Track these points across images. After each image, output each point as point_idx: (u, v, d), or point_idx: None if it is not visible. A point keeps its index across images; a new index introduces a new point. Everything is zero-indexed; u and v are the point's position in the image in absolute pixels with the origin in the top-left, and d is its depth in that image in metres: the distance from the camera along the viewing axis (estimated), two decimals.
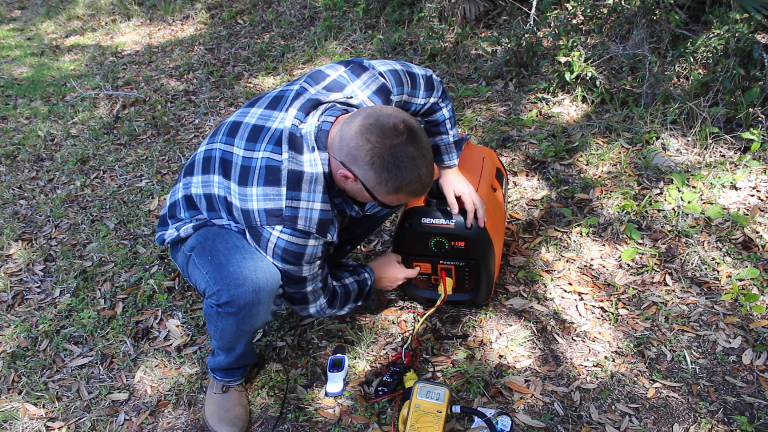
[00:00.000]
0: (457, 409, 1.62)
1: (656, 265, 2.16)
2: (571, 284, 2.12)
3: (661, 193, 2.45)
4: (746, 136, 2.57)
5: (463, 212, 1.78)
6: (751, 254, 2.15)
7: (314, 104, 1.46)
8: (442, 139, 1.78)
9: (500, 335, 1.96)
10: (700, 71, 3.07)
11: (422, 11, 4.17)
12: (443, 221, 1.80)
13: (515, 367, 1.85)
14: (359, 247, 2.40)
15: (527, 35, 3.44)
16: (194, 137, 3.45)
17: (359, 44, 4.24)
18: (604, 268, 2.18)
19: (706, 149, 2.64)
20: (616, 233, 2.31)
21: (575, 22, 3.54)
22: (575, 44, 3.21)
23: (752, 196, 2.40)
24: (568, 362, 1.85)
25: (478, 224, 1.78)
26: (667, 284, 2.09)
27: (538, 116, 3.12)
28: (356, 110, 1.43)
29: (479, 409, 1.69)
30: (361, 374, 1.87)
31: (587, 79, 3.13)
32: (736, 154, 2.60)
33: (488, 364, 1.86)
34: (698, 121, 2.72)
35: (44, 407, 1.89)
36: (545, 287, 2.12)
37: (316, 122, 1.43)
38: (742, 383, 1.74)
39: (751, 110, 2.66)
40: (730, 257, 2.15)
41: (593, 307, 2.03)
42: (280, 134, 1.43)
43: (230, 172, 1.48)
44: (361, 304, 1.81)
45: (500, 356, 1.88)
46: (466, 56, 3.83)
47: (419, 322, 2.00)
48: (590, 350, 1.88)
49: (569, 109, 3.15)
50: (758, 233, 2.21)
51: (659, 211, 2.37)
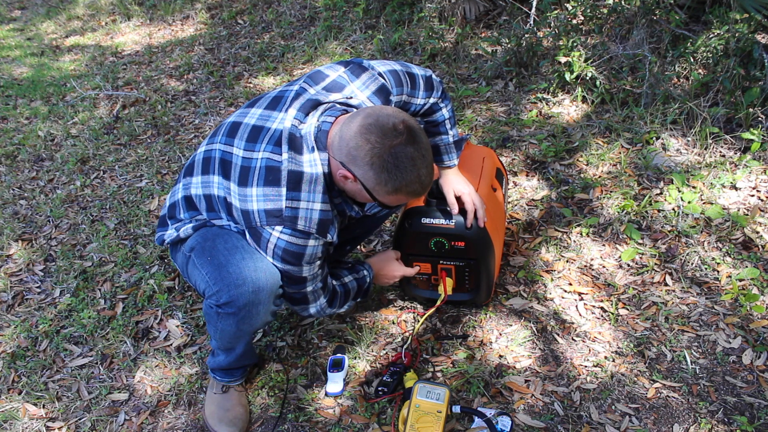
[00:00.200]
0: (457, 409, 1.62)
1: (656, 265, 2.16)
2: (571, 284, 2.12)
3: (661, 193, 2.45)
4: (746, 136, 2.57)
5: (463, 212, 1.78)
6: (751, 254, 2.15)
7: (314, 105, 1.46)
8: (441, 139, 1.78)
9: (500, 335, 1.96)
10: (700, 71, 3.07)
11: (422, 11, 4.17)
12: (443, 221, 1.80)
13: (515, 367, 1.85)
14: (359, 247, 2.40)
15: (527, 35, 3.44)
16: (194, 137, 3.45)
17: (359, 44, 4.24)
18: (604, 268, 2.18)
19: (706, 149, 2.64)
20: (616, 233, 2.31)
21: (575, 22, 3.54)
22: (575, 44, 3.21)
23: (752, 196, 2.40)
24: (568, 362, 1.85)
25: (478, 224, 1.78)
26: (667, 284, 2.09)
27: (538, 116, 3.12)
28: (356, 110, 1.43)
29: (479, 409, 1.69)
30: (361, 374, 1.87)
31: (587, 79, 3.13)
32: (736, 154, 2.61)
33: (488, 364, 1.86)
34: (698, 121, 2.72)
35: (44, 407, 1.89)
36: (545, 287, 2.12)
37: (315, 123, 1.43)
38: (742, 383, 1.74)
39: (751, 110, 2.66)
40: (730, 257, 2.15)
41: (593, 307, 2.03)
42: (279, 135, 1.43)
43: (230, 172, 1.48)
44: (360, 300, 1.81)
45: (500, 356, 1.88)
46: (466, 56, 3.83)
47: (419, 322, 2.00)
48: (590, 350, 1.88)
49: (569, 109, 3.15)
50: (758, 233, 2.21)
51: (659, 211, 2.37)
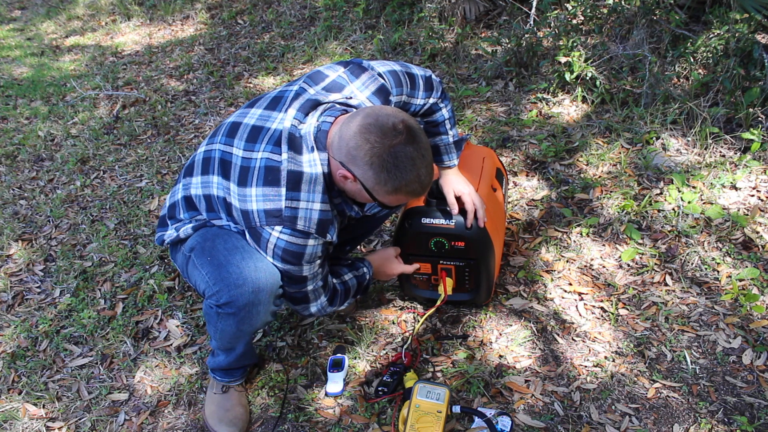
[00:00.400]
0: (457, 409, 1.62)
1: (656, 265, 2.16)
2: (571, 284, 2.12)
3: (661, 193, 2.45)
4: (746, 136, 2.57)
5: (463, 212, 1.78)
6: (751, 254, 2.15)
7: (313, 105, 1.46)
8: (441, 139, 1.78)
9: (500, 335, 1.96)
10: (700, 71, 3.07)
11: (422, 11, 4.17)
12: (443, 221, 1.79)
13: (515, 367, 1.85)
14: (359, 247, 2.40)
15: (527, 35, 3.44)
16: (194, 137, 3.45)
17: (359, 44, 4.24)
18: (604, 268, 2.18)
19: (706, 149, 2.64)
20: (616, 233, 2.31)
21: (575, 22, 3.54)
22: (575, 44, 3.21)
23: (752, 196, 2.40)
24: (568, 362, 1.85)
25: (478, 224, 1.78)
26: (667, 284, 2.09)
27: (538, 116, 3.12)
28: (355, 110, 1.43)
29: (479, 409, 1.69)
30: (361, 374, 1.87)
31: (587, 79, 3.13)
32: (736, 154, 2.61)
33: (488, 364, 1.86)
34: (698, 121, 2.72)
35: (44, 407, 1.89)
36: (545, 287, 2.12)
37: (315, 123, 1.43)
38: (742, 383, 1.74)
39: (751, 110, 2.66)
40: (730, 257, 2.15)
41: (593, 307, 2.03)
42: (279, 135, 1.43)
43: (229, 172, 1.48)
44: (359, 297, 1.81)
45: (500, 356, 1.88)
46: (466, 56, 3.83)
47: (419, 322, 2.00)
48: (590, 350, 1.88)
49: (569, 109, 3.15)
50: (758, 233, 2.21)
51: (659, 211, 2.37)
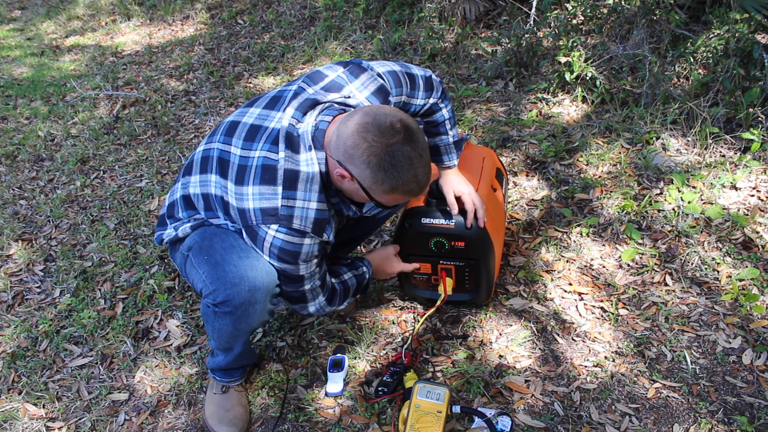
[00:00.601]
0: (457, 409, 1.62)
1: (656, 265, 2.16)
2: (571, 284, 2.12)
3: (661, 193, 2.45)
4: (746, 136, 2.57)
5: (463, 212, 1.78)
6: (751, 254, 2.15)
7: (312, 104, 1.46)
8: (441, 139, 1.78)
9: (500, 335, 1.96)
10: (700, 71, 3.07)
11: (422, 11, 4.17)
12: (443, 221, 1.79)
13: (515, 367, 1.85)
14: (359, 247, 2.40)
15: (527, 35, 3.44)
16: (194, 137, 3.45)
17: (359, 44, 4.24)
18: (604, 268, 2.18)
19: (706, 149, 2.64)
20: (616, 233, 2.31)
21: (575, 22, 3.54)
22: (575, 44, 3.21)
23: (752, 196, 2.40)
24: (568, 362, 1.85)
25: (478, 224, 1.78)
26: (667, 284, 2.09)
27: (538, 116, 3.12)
28: (354, 109, 1.42)
29: (479, 409, 1.69)
30: (361, 374, 1.87)
31: (587, 79, 3.13)
32: (736, 154, 2.61)
33: (488, 364, 1.86)
34: (698, 121, 2.72)
35: (44, 407, 1.89)
36: (545, 287, 2.12)
37: (313, 122, 1.43)
38: (742, 383, 1.74)
39: (751, 110, 2.66)
40: (730, 257, 2.15)
41: (593, 307, 2.03)
42: (277, 133, 1.43)
43: (227, 171, 1.48)
44: (359, 296, 1.80)
45: (500, 356, 1.88)
46: (466, 56, 3.83)
47: (419, 322, 2.00)
48: (590, 350, 1.88)
49: (569, 109, 3.15)
50: (758, 233, 2.21)
51: (659, 211, 2.37)
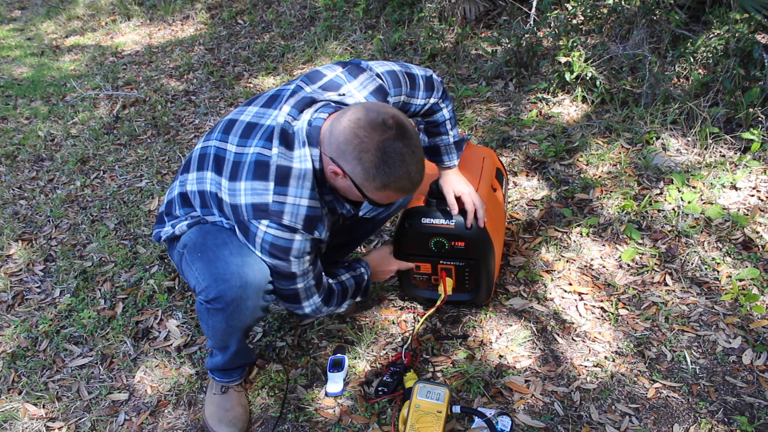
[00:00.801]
0: (457, 409, 1.62)
1: (656, 265, 2.16)
2: (571, 284, 2.12)
3: (661, 193, 2.45)
4: (746, 136, 2.57)
5: (463, 212, 1.77)
6: (751, 254, 2.15)
7: (309, 102, 1.46)
8: (442, 139, 1.77)
9: (500, 335, 1.96)
10: (700, 71, 3.07)
11: (422, 11, 4.17)
12: (443, 221, 1.79)
13: (515, 367, 1.85)
14: (359, 247, 2.40)
15: (527, 35, 3.44)
16: (194, 137, 3.45)
17: (359, 44, 4.24)
18: (604, 268, 2.18)
19: (706, 149, 2.64)
20: (616, 233, 2.31)
21: (575, 22, 3.54)
22: (575, 44, 3.21)
23: (752, 196, 2.40)
24: (568, 362, 1.85)
25: (478, 224, 1.78)
26: (667, 284, 2.09)
27: (538, 116, 3.12)
28: (347, 106, 1.42)
29: (479, 409, 1.69)
30: (361, 374, 1.87)
31: (587, 79, 3.13)
32: (736, 154, 2.61)
33: (488, 364, 1.86)
34: (698, 121, 2.72)
35: (44, 407, 1.89)
36: (545, 287, 2.12)
37: (309, 119, 1.43)
38: (742, 383, 1.74)
39: (751, 110, 2.66)
40: (730, 257, 2.15)
41: (593, 307, 2.03)
42: (272, 130, 1.43)
43: (222, 168, 1.48)
44: (360, 299, 1.80)
45: (500, 356, 1.88)
46: (466, 56, 3.83)
47: (419, 322, 2.00)
48: (590, 350, 1.88)
49: (569, 109, 3.15)
50: (758, 233, 2.21)
51: (659, 211, 2.37)
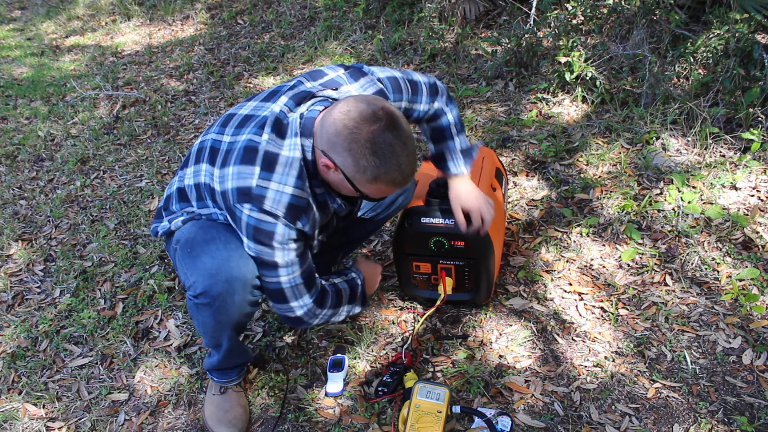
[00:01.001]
0: (457, 409, 1.62)
1: (656, 265, 2.16)
2: (571, 284, 2.12)
3: (661, 193, 2.45)
4: (746, 136, 2.57)
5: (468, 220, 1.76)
6: (751, 254, 2.15)
7: (306, 96, 1.46)
8: (447, 145, 1.75)
9: (500, 335, 1.96)
10: (700, 71, 3.07)
11: (422, 11, 4.17)
12: (443, 221, 1.79)
13: (515, 367, 1.85)
14: (359, 248, 2.40)
15: (527, 35, 3.44)
16: (194, 137, 3.45)
17: (359, 44, 4.24)
18: (604, 268, 2.18)
19: (706, 149, 2.64)
20: (616, 233, 2.31)
21: (575, 22, 3.54)
22: (575, 44, 3.21)
23: (752, 196, 2.40)
24: (568, 362, 1.85)
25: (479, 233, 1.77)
26: (667, 284, 2.09)
27: (538, 116, 3.12)
28: (339, 99, 1.41)
29: (479, 409, 1.69)
30: (361, 374, 1.87)
31: (587, 79, 3.13)
32: (736, 154, 2.61)
33: (488, 364, 1.86)
34: (698, 121, 2.72)
35: (44, 407, 1.89)
36: (545, 287, 2.12)
37: (304, 111, 1.43)
38: (742, 383, 1.74)
39: (751, 110, 2.66)
40: (730, 257, 2.15)
41: (593, 307, 2.03)
42: (266, 119, 1.43)
43: (216, 158, 1.48)
44: (359, 310, 1.77)
45: (500, 356, 1.88)
46: (466, 56, 3.83)
47: (419, 322, 2.00)
48: (590, 350, 1.88)
49: (569, 109, 3.15)
50: (758, 233, 2.21)
51: (659, 211, 2.37)
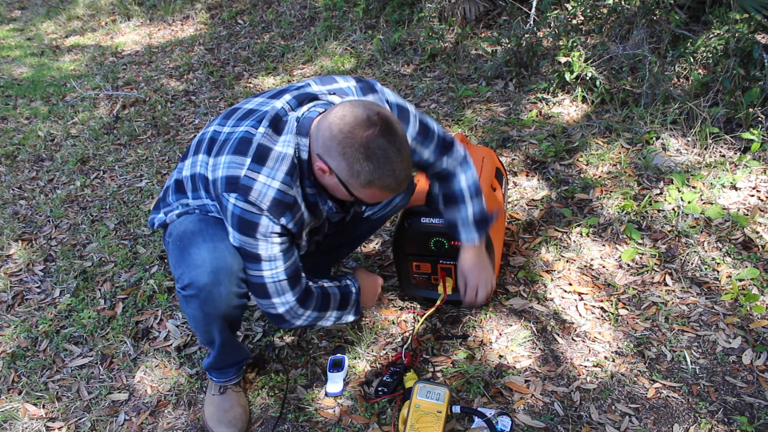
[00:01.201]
0: (457, 409, 1.62)
1: (656, 265, 2.16)
2: (571, 284, 2.12)
3: (661, 193, 2.45)
4: (746, 136, 2.57)
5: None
6: (751, 254, 2.15)
7: (310, 98, 1.46)
8: (459, 212, 1.70)
9: (500, 335, 1.96)
10: (700, 71, 3.07)
11: (422, 11, 4.17)
12: (443, 220, 1.79)
13: (515, 367, 1.85)
14: (359, 248, 2.40)
15: (527, 35, 3.44)
16: (194, 137, 3.45)
17: (359, 44, 4.24)
18: (604, 268, 2.18)
19: (706, 149, 2.64)
20: (616, 233, 2.31)
21: (575, 22, 3.54)
22: (575, 44, 3.21)
23: (752, 196, 2.40)
24: (568, 362, 1.85)
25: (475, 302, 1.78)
26: (667, 284, 2.09)
27: (538, 116, 3.12)
28: (336, 103, 1.41)
29: (479, 409, 1.69)
30: (361, 374, 1.87)
31: (587, 79, 3.13)
32: (736, 154, 2.61)
33: (488, 364, 1.86)
34: (698, 121, 2.72)
35: (44, 407, 1.89)
36: (545, 287, 2.12)
37: (305, 110, 1.43)
38: (742, 383, 1.74)
39: (751, 110, 2.66)
40: (730, 257, 2.15)
41: (593, 307, 2.03)
42: (266, 114, 1.44)
43: (213, 148, 1.48)
44: (352, 319, 1.75)
45: (500, 356, 1.88)
46: (466, 56, 3.83)
47: (419, 322, 2.00)
48: (590, 350, 1.88)
49: (569, 109, 3.15)
50: (758, 233, 2.21)
51: (659, 211, 2.37)
